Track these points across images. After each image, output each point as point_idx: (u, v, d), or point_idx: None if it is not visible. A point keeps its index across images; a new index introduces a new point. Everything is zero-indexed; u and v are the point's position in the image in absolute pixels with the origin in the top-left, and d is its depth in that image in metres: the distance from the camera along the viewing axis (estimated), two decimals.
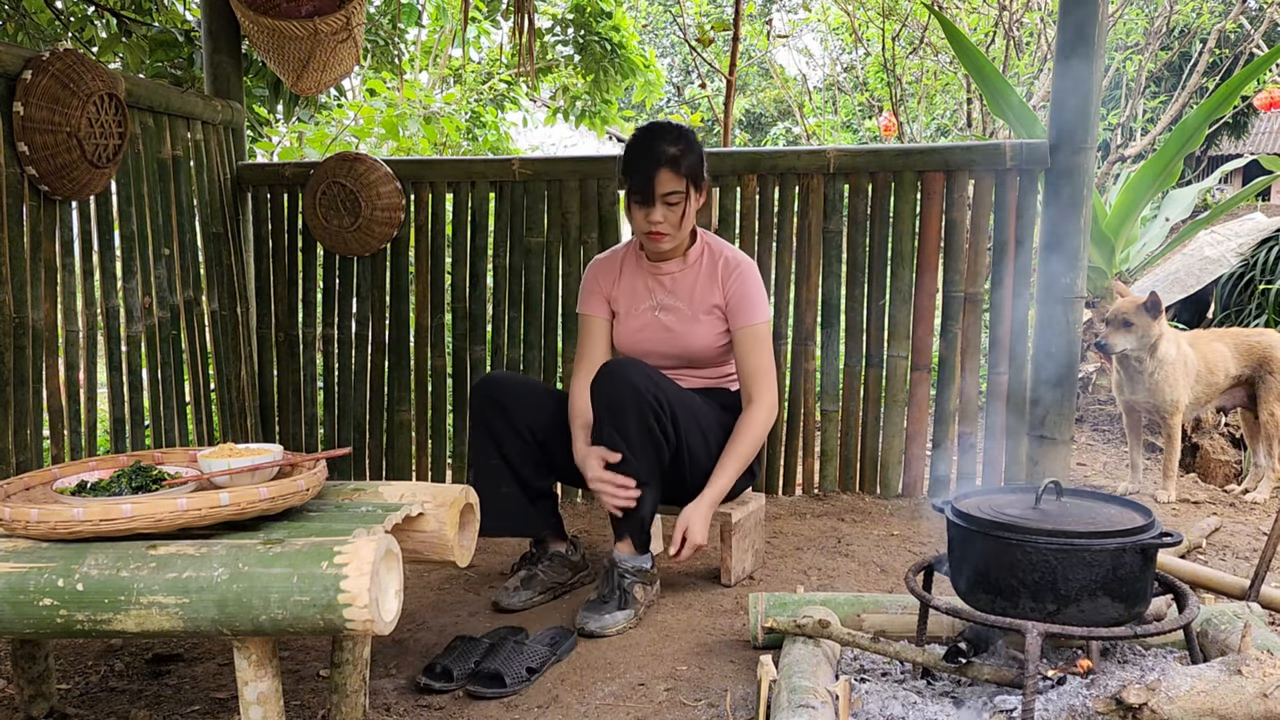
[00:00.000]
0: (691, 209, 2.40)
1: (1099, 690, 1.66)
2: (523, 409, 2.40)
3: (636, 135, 2.41)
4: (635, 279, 2.52)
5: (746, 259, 2.49)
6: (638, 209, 2.37)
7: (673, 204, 2.35)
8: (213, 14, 3.34)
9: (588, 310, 2.56)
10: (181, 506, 1.48)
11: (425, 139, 5.36)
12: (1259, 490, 3.23)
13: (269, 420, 3.52)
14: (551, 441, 2.42)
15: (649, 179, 2.33)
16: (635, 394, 2.21)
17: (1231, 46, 9.62)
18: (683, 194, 2.35)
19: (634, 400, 2.21)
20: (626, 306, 2.52)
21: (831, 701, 1.60)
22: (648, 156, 2.34)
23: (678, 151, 2.33)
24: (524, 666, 1.95)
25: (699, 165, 2.38)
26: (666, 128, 2.39)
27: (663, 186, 2.33)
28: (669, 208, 2.35)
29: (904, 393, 3.17)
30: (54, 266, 2.57)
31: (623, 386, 2.22)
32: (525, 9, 3.17)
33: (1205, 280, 4.93)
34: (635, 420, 2.22)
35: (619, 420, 2.23)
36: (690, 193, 2.37)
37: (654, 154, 2.33)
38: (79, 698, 1.92)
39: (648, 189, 2.33)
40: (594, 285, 2.55)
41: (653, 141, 2.35)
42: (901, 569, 2.58)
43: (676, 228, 2.38)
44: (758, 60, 11.49)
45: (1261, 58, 4.39)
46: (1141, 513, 1.74)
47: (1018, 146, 3.04)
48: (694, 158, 2.37)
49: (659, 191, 2.33)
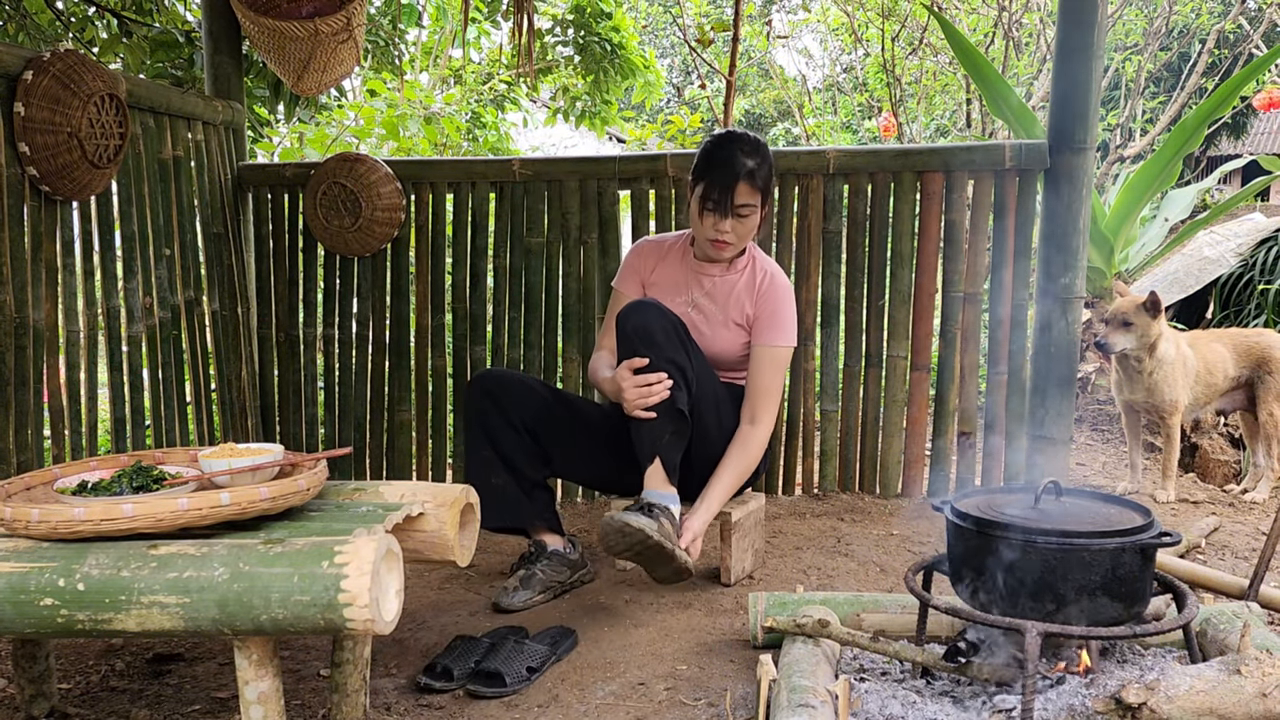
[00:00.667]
0: (759, 220, 2.42)
1: (1098, 690, 1.66)
2: (515, 401, 2.40)
3: (715, 142, 2.40)
4: (678, 270, 2.53)
5: (785, 280, 2.49)
6: (709, 216, 2.37)
7: (744, 216, 2.37)
8: (213, 14, 3.35)
9: (622, 287, 2.59)
10: (182, 506, 1.49)
11: (425, 139, 5.37)
12: (1258, 490, 3.24)
13: (269, 420, 3.52)
14: (545, 434, 2.43)
15: (728, 190, 2.33)
16: (664, 319, 2.27)
17: (1231, 47, 9.63)
18: (756, 207, 2.37)
19: (662, 325, 2.26)
20: (663, 294, 2.53)
21: (831, 701, 1.61)
22: (728, 168, 2.33)
23: (755, 164, 2.34)
24: (524, 666, 1.95)
25: (771, 178, 2.41)
26: (745, 138, 2.38)
27: (740, 198, 2.34)
28: (740, 220, 2.37)
29: (904, 393, 3.18)
30: (55, 267, 2.58)
31: (653, 313, 2.27)
32: (525, 9, 3.17)
33: (1204, 280, 4.93)
34: (662, 337, 2.25)
35: (646, 337, 2.24)
36: (762, 206, 2.40)
37: (734, 165, 2.33)
38: (79, 697, 1.93)
39: (725, 200, 2.34)
40: (634, 264, 2.59)
41: (733, 152, 2.34)
42: (901, 569, 2.58)
43: (742, 239, 2.41)
44: (757, 61, 11.49)
45: (1261, 58, 4.39)
46: (1141, 513, 1.75)
47: (1017, 146, 3.04)
48: (768, 169, 2.39)
49: (735, 203, 2.34)
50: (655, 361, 2.23)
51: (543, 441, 2.44)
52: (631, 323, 2.26)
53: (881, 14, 7.65)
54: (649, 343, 2.24)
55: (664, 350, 2.24)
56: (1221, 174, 6.21)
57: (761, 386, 2.42)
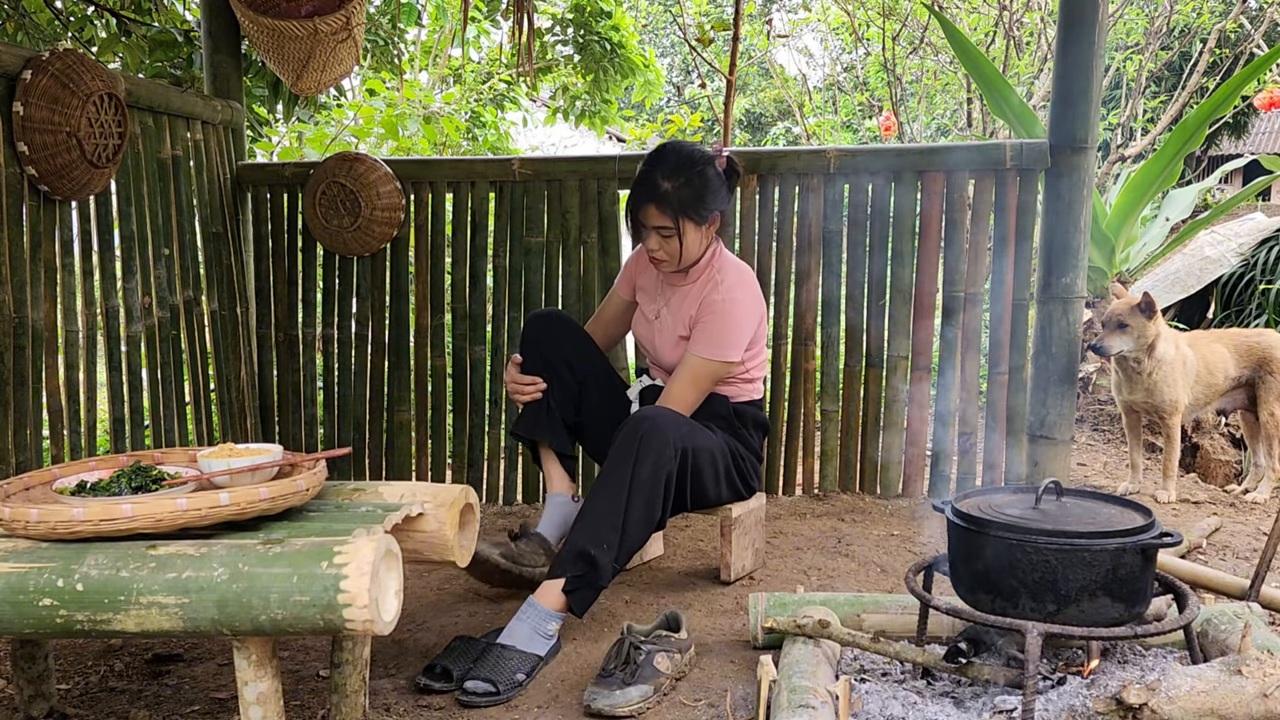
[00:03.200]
0: (689, 240, 2.30)
1: (1099, 690, 1.66)
2: (572, 348, 2.47)
3: (647, 157, 2.34)
4: (655, 278, 2.51)
5: (739, 294, 2.34)
6: (631, 234, 2.40)
7: (665, 236, 2.30)
8: (212, 14, 3.34)
9: (617, 285, 2.62)
10: (181, 506, 1.48)
11: (425, 139, 5.36)
12: (1259, 490, 3.23)
13: (269, 420, 3.52)
14: (586, 387, 2.48)
15: (633, 211, 2.32)
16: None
17: (1231, 46, 9.62)
18: (673, 230, 2.27)
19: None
20: (642, 299, 2.55)
21: (831, 701, 1.60)
22: (640, 188, 2.29)
23: (670, 187, 2.25)
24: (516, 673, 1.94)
25: (696, 201, 2.27)
26: (670, 155, 2.30)
27: (650, 220, 2.29)
28: (663, 239, 2.31)
29: (904, 393, 3.17)
30: (54, 266, 2.57)
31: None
32: (525, 9, 3.17)
33: (1205, 280, 4.92)
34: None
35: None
36: (685, 227, 2.28)
37: (646, 186, 2.28)
38: (79, 698, 1.92)
39: (634, 221, 2.33)
40: (630, 266, 2.60)
41: (651, 172, 2.28)
42: (901, 569, 2.58)
43: (674, 256, 2.32)
44: (758, 60, 11.49)
45: (1262, 58, 4.39)
46: (1141, 513, 1.74)
47: (1018, 146, 3.04)
48: (689, 193, 2.26)
49: (646, 224, 2.30)
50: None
51: (584, 390, 2.48)
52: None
53: (882, 13, 7.65)
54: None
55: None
56: (1222, 173, 6.21)
57: (671, 392, 2.32)
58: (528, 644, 2.00)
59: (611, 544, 2.07)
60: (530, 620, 2.04)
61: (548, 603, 2.05)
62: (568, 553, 2.08)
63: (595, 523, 2.08)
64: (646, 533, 2.15)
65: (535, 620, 2.04)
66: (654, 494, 2.12)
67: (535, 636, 2.02)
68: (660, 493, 2.13)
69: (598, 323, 2.63)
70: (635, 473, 2.10)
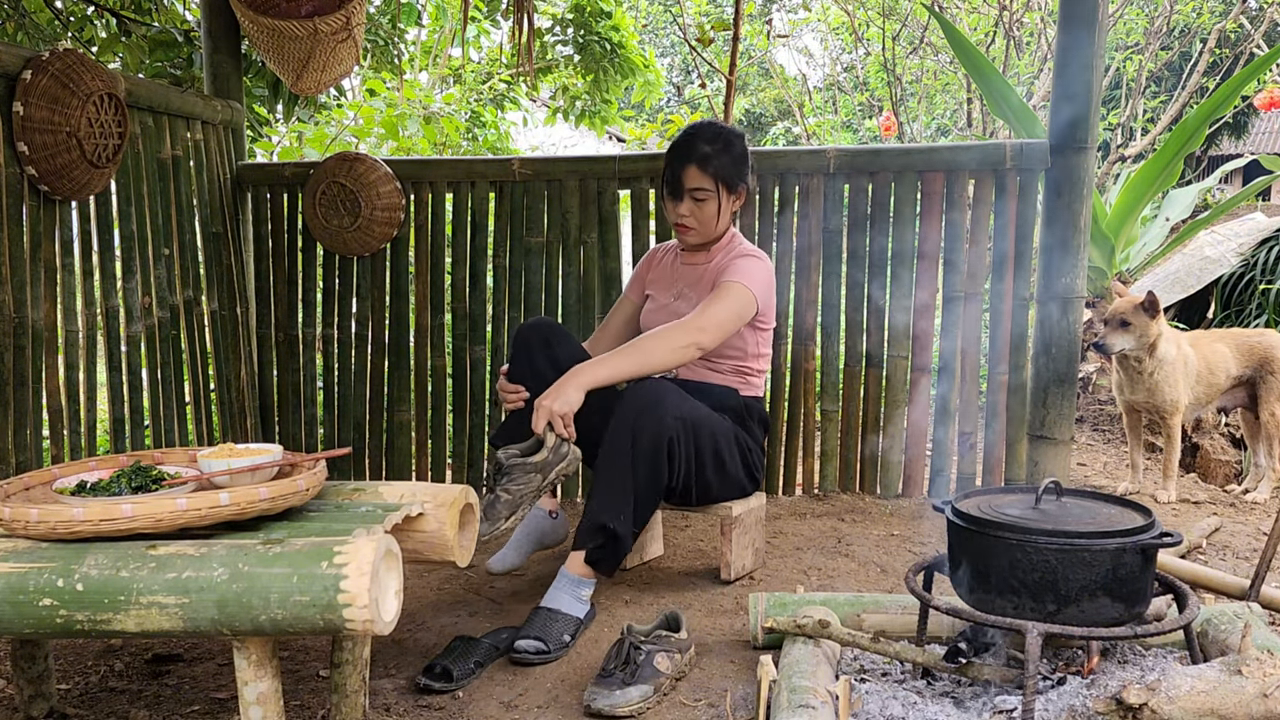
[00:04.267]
0: (723, 209, 2.46)
1: (1099, 690, 1.66)
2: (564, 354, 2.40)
3: (682, 130, 2.51)
4: (670, 268, 2.62)
5: (759, 253, 2.50)
6: (669, 199, 2.48)
7: (700, 200, 2.43)
8: (212, 14, 3.34)
9: (626, 292, 2.70)
10: (181, 506, 1.48)
11: (425, 139, 5.36)
12: (1259, 490, 3.23)
13: (269, 420, 3.52)
14: None
15: (679, 173, 2.43)
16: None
17: (1232, 46, 9.62)
18: (711, 192, 2.43)
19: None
20: (655, 292, 2.62)
21: (831, 701, 1.60)
22: (682, 151, 2.44)
23: (710, 150, 2.42)
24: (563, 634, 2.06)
25: (733, 167, 2.44)
26: (707, 127, 2.48)
27: (690, 181, 2.42)
28: (696, 204, 2.44)
29: (904, 393, 3.17)
30: (54, 266, 2.57)
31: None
32: (525, 9, 3.17)
33: (1205, 280, 4.92)
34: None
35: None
36: (721, 192, 2.44)
37: (687, 150, 2.43)
38: (79, 698, 1.92)
39: (676, 182, 2.44)
40: (640, 269, 2.69)
41: (691, 138, 2.45)
42: (901, 569, 2.58)
43: (703, 224, 2.46)
44: (758, 60, 11.49)
45: (1262, 57, 4.39)
46: (1141, 513, 1.74)
47: (1018, 146, 3.03)
48: (727, 159, 2.43)
49: (687, 186, 2.43)
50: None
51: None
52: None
53: (882, 13, 7.66)
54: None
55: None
56: (1222, 173, 6.21)
57: (704, 309, 2.32)
58: (570, 607, 2.15)
59: (626, 513, 2.18)
60: (566, 588, 2.18)
61: (577, 571, 2.19)
62: (586, 526, 2.19)
63: (607, 496, 2.18)
64: (657, 497, 2.25)
65: (570, 587, 2.18)
66: (658, 461, 2.20)
67: (574, 601, 2.17)
68: (664, 460, 2.20)
69: (605, 333, 2.66)
70: (636, 444, 2.18)
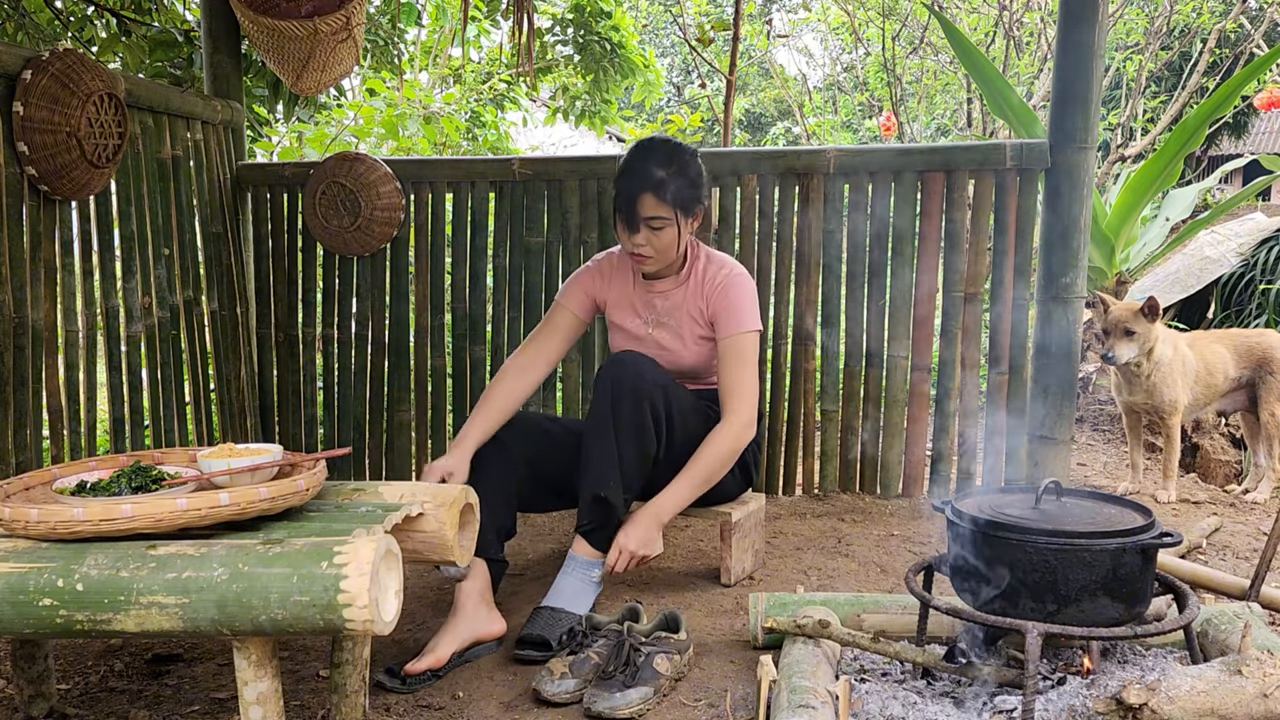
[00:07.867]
0: (681, 233, 2.30)
1: (1099, 690, 1.66)
2: (521, 444, 2.31)
3: (632, 149, 2.32)
4: (631, 289, 2.44)
5: (738, 269, 2.38)
6: (621, 228, 2.29)
7: (657, 229, 2.26)
8: (212, 14, 3.34)
9: (565, 302, 2.45)
10: (181, 506, 1.48)
11: (425, 139, 5.36)
12: (1259, 490, 3.23)
13: (269, 420, 3.52)
14: (544, 467, 2.34)
15: (632, 202, 2.24)
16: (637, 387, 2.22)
17: (1232, 46, 9.62)
18: (669, 220, 2.26)
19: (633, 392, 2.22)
20: (619, 317, 2.46)
21: (831, 701, 1.60)
22: (634, 178, 2.24)
23: (665, 175, 2.23)
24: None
25: (690, 190, 2.27)
26: (658, 147, 2.28)
27: (646, 210, 2.24)
28: (653, 232, 2.26)
29: (904, 393, 3.17)
30: (54, 266, 2.57)
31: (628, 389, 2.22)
32: (525, 9, 3.17)
33: (1205, 280, 4.92)
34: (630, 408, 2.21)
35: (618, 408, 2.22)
36: (679, 218, 2.27)
37: (640, 177, 2.24)
38: (79, 698, 1.92)
39: (630, 212, 2.25)
40: (584, 279, 2.48)
41: (643, 161, 2.26)
42: (901, 569, 2.58)
43: (661, 252, 2.30)
44: (758, 60, 11.49)
45: (1262, 57, 4.38)
46: (1141, 513, 1.74)
47: (1018, 146, 3.03)
48: (683, 182, 2.26)
49: (641, 215, 2.24)
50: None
51: (542, 473, 2.33)
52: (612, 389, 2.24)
53: (882, 13, 7.66)
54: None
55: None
56: (1222, 173, 6.20)
57: (730, 381, 2.30)
58: (573, 603, 2.14)
59: (615, 478, 2.18)
60: (575, 573, 2.19)
61: (583, 553, 2.21)
62: (581, 503, 2.21)
63: (596, 468, 2.19)
64: (645, 464, 2.23)
65: (579, 571, 2.19)
66: (641, 424, 2.19)
67: (581, 590, 2.17)
68: (648, 422, 2.20)
69: (539, 348, 2.42)
70: (616, 411, 2.18)
